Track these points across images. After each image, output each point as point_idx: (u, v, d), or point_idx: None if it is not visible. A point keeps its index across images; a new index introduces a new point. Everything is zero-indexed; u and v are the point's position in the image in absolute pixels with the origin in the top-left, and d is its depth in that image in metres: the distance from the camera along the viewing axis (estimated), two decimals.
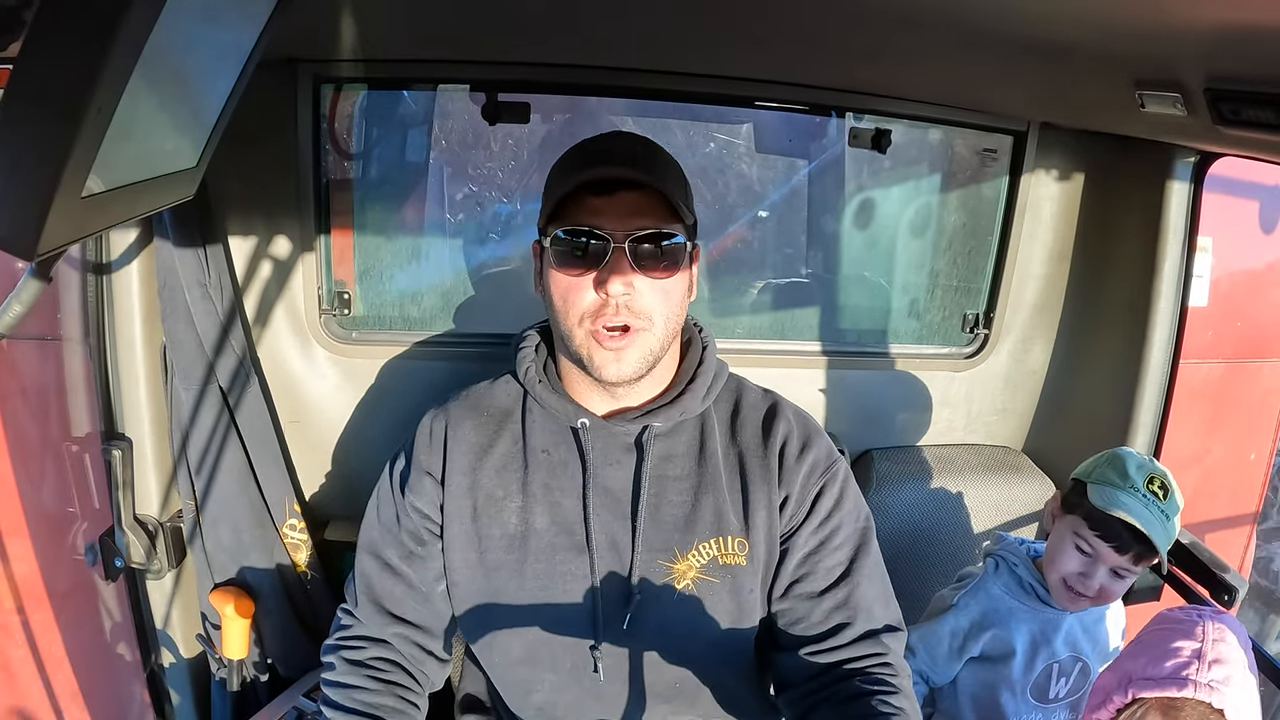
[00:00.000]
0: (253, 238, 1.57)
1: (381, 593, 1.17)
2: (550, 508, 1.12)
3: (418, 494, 1.15)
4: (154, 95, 0.70)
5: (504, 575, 1.12)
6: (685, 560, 1.11)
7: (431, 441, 1.16)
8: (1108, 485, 1.34)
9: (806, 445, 1.14)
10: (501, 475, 1.14)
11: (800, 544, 1.12)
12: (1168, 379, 1.73)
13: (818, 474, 1.14)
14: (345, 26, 1.28)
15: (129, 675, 1.70)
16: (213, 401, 1.51)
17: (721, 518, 1.11)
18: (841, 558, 1.13)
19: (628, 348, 1.04)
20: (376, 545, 1.19)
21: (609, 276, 1.01)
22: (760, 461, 1.13)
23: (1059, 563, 1.38)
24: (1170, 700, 1.00)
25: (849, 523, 1.14)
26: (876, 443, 1.86)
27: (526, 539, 1.12)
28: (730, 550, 1.11)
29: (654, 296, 1.04)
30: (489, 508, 1.13)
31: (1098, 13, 0.88)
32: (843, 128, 1.79)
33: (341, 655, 1.17)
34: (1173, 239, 1.67)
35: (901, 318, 1.94)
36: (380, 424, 1.67)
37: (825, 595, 1.11)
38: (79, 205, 0.66)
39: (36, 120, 0.59)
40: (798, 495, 1.13)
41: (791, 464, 1.13)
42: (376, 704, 1.13)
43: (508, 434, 1.16)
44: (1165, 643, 1.04)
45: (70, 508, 1.69)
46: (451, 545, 1.14)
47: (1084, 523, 1.35)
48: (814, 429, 1.18)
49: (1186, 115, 1.08)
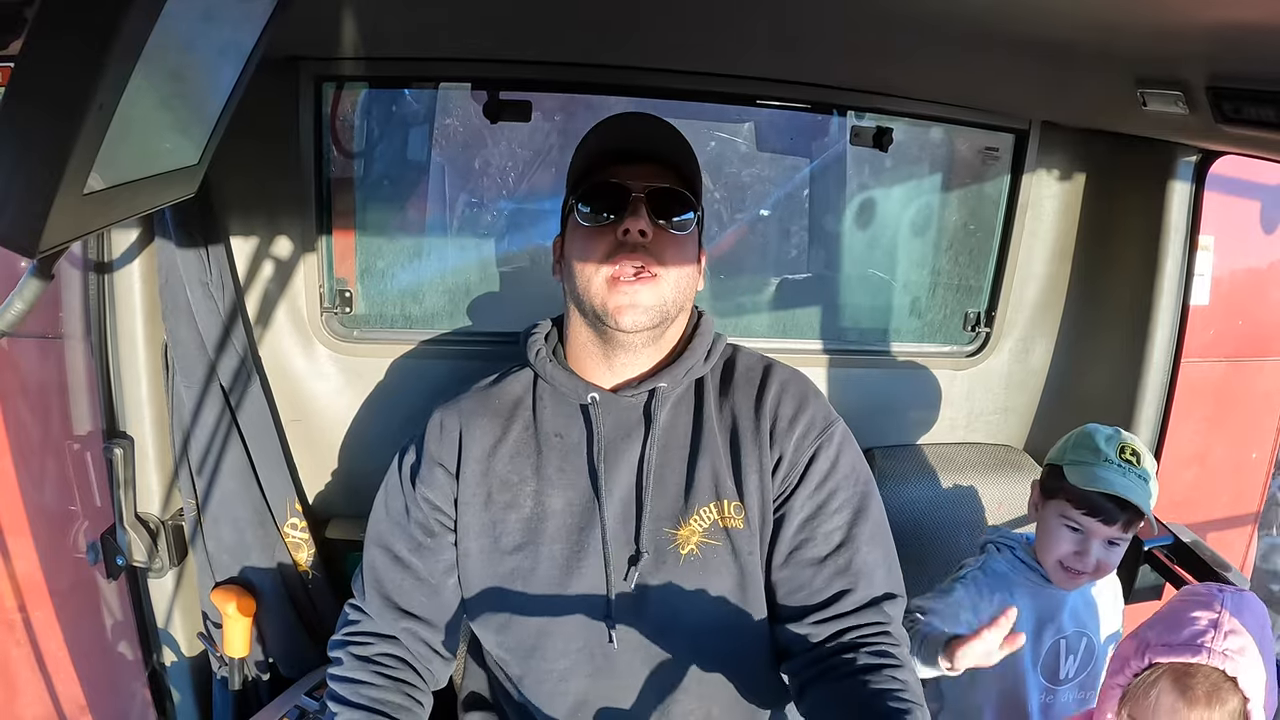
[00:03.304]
0: (254, 236, 1.57)
1: (390, 586, 1.17)
2: (564, 489, 1.14)
3: (429, 485, 1.16)
4: (155, 93, 0.71)
5: (519, 558, 1.13)
6: (688, 525, 1.12)
7: (444, 434, 1.17)
8: (1083, 464, 1.37)
9: (801, 407, 1.15)
10: (515, 461, 1.15)
11: (797, 508, 1.12)
12: (1169, 378, 1.73)
13: (812, 436, 1.14)
14: (347, 25, 1.28)
15: (130, 674, 1.70)
16: (214, 400, 1.51)
17: (719, 481, 1.13)
18: (840, 521, 1.12)
19: (644, 289, 1.08)
20: (385, 538, 1.19)
21: (629, 220, 1.07)
22: (752, 424, 1.14)
23: (1052, 547, 1.41)
24: (1184, 665, 1.01)
25: (846, 485, 1.14)
26: (878, 441, 1.85)
27: (543, 521, 1.13)
28: (728, 514, 1.12)
29: (669, 248, 1.09)
30: (503, 493, 1.14)
31: (1099, 11, 0.88)
32: (844, 126, 1.79)
33: (349, 650, 1.17)
34: (1174, 238, 1.67)
35: (903, 316, 1.94)
36: (382, 423, 1.67)
37: (826, 561, 1.11)
38: (80, 203, 0.66)
39: (38, 118, 0.59)
40: (790, 457, 1.13)
41: (784, 426, 1.14)
42: (384, 700, 1.13)
43: (519, 421, 1.17)
44: (1184, 612, 1.07)
45: (72, 506, 1.70)
46: (466, 533, 1.15)
47: (1069, 504, 1.38)
48: (810, 391, 1.19)
49: (1188, 113, 1.08)
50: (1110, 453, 1.37)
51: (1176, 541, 1.67)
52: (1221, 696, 1.00)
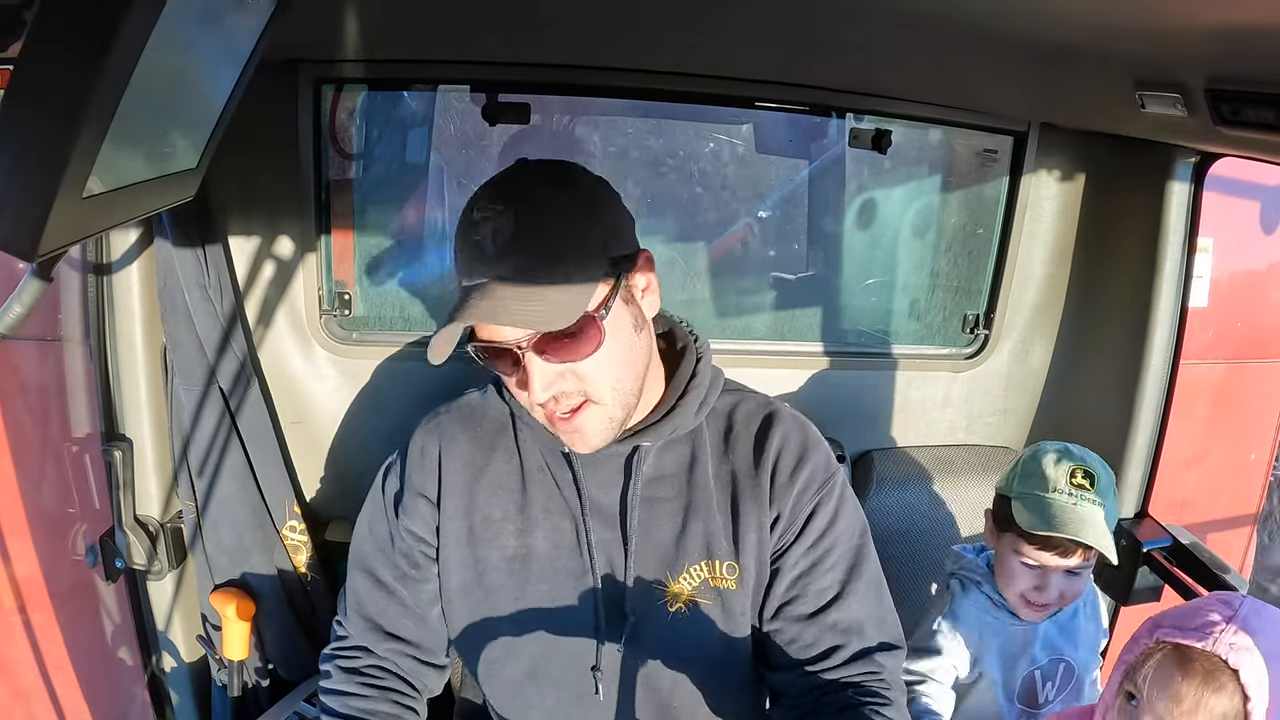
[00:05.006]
0: (253, 238, 1.57)
1: (374, 610, 1.15)
2: (550, 530, 1.10)
3: (412, 517, 1.13)
4: (154, 96, 0.70)
5: (503, 597, 1.11)
6: (677, 583, 1.09)
7: (424, 460, 1.13)
8: (1030, 497, 1.30)
9: (801, 460, 1.10)
10: (498, 495, 1.11)
11: (791, 564, 1.09)
12: (1168, 379, 1.73)
13: (812, 491, 1.09)
14: (346, 27, 1.28)
15: (130, 676, 1.70)
16: (213, 402, 1.51)
17: (711, 540, 1.08)
18: (834, 579, 1.09)
19: (585, 424, 1.00)
20: (369, 561, 1.16)
21: (529, 384, 0.96)
22: (752, 480, 1.09)
23: (1011, 582, 1.36)
24: (1188, 648, 1.01)
25: (843, 541, 1.11)
26: (877, 444, 1.86)
27: (528, 562, 1.10)
28: (720, 574, 1.09)
29: (587, 374, 0.97)
30: (486, 530, 1.11)
31: (1098, 13, 0.88)
32: (843, 128, 1.79)
33: (336, 664, 1.17)
34: (1173, 239, 1.67)
35: (902, 318, 1.94)
36: (381, 424, 1.67)
37: (815, 617, 1.08)
38: (80, 206, 0.66)
39: (38, 121, 0.59)
40: (789, 514, 1.09)
41: (784, 481, 1.09)
42: (372, 710, 1.12)
43: (502, 450, 1.13)
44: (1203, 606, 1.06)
45: (71, 508, 1.69)
46: (447, 567, 1.12)
47: (1020, 540, 1.32)
48: (812, 440, 1.13)
49: (1187, 115, 1.08)
50: (1060, 480, 1.29)
51: (1175, 543, 1.67)
52: (1219, 681, 1.00)
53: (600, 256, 0.97)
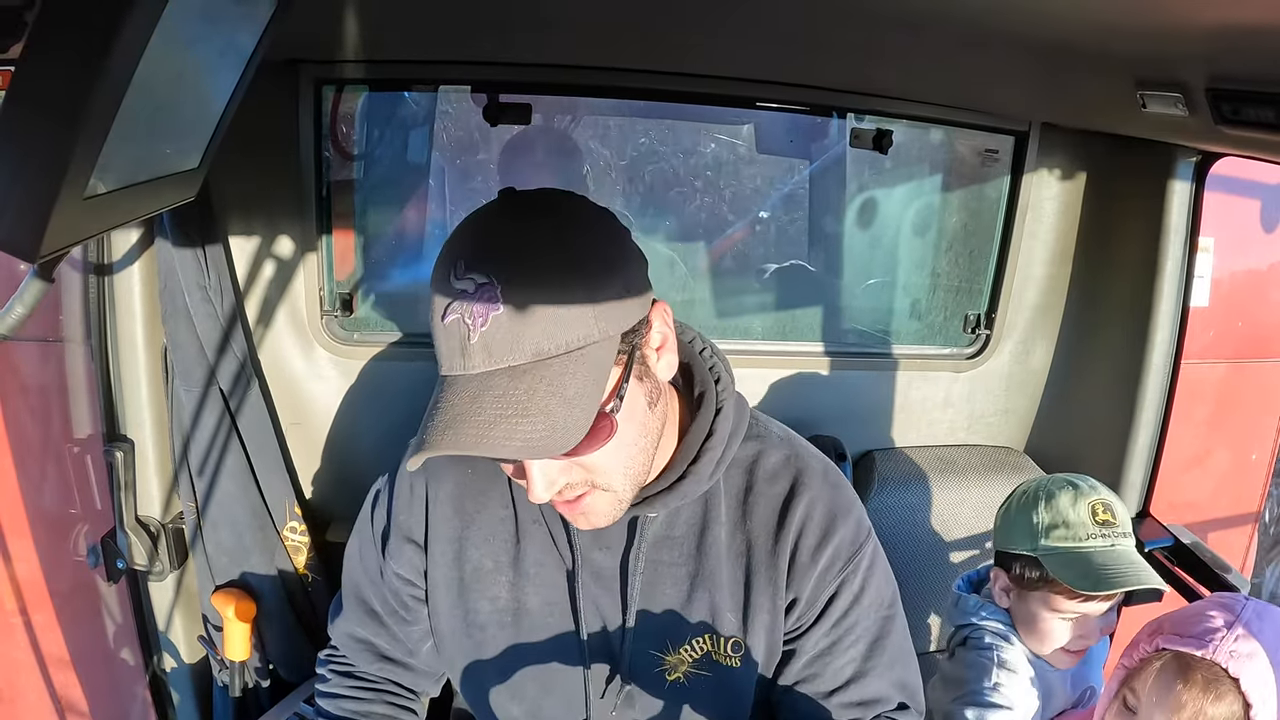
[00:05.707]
0: (254, 239, 1.57)
1: (365, 633, 1.13)
2: (542, 587, 1.02)
3: (399, 560, 1.07)
4: (155, 97, 0.70)
5: (493, 648, 1.05)
6: (677, 654, 1.02)
7: (413, 500, 1.05)
8: (1064, 553, 1.21)
9: (826, 536, 0.98)
10: (490, 545, 1.03)
11: (808, 646, 1.01)
12: (1169, 379, 1.73)
13: (836, 569, 0.99)
14: (347, 28, 1.28)
15: (131, 677, 1.70)
16: (214, 403, 1.51)
17: (717, 615, 1.00)
18: (855, 655, 1.01)
19: (592, 509, 0.89)
20: (361, 589, 1.13)
21: (530, 485, 0.83)
22: (769, 558, 0.98)
23: (1047, 640, 1.28)
24: (1189, 656, 1.01)
25: (868, 616, 1.02)
26: (878, 444, 1.86)
27: (519, 616, 1.04)
28: (724, 651, 1.01)
29: (596, 466, 0.85)
30: (476, 581, 1.04)
31: (1098, 12, 0.88)
32: (844, 128, 1.79)
33: (331, 668, 1.16)
34: (1174, 239, 1.67)
35: (903, 318, 1.94)
36: (382, 425, 1.67)
37: (833, 695, 1.01)
38: (81, 207, 0.66)
39: (39, 122, 0.59)
40: (808, 596, 0.99)
41: (805, 561, 0.98)
42: (367, 712, 1.11)
43: (496, 496, 1.03)
44: (1204, 610, 1.05)
45: (72, 509, 1.70)
46: (436, 613, 1.07)
47: (1058, 597, 1.23)
48: (841, 508, 1.00)
49: (1188, 115, 1.08)
50: (1086, 524, 1.20)
51: (1176, 543, 1.67)
52: (1219, 690, 1.00)
53: (612, 337, 0.80)
